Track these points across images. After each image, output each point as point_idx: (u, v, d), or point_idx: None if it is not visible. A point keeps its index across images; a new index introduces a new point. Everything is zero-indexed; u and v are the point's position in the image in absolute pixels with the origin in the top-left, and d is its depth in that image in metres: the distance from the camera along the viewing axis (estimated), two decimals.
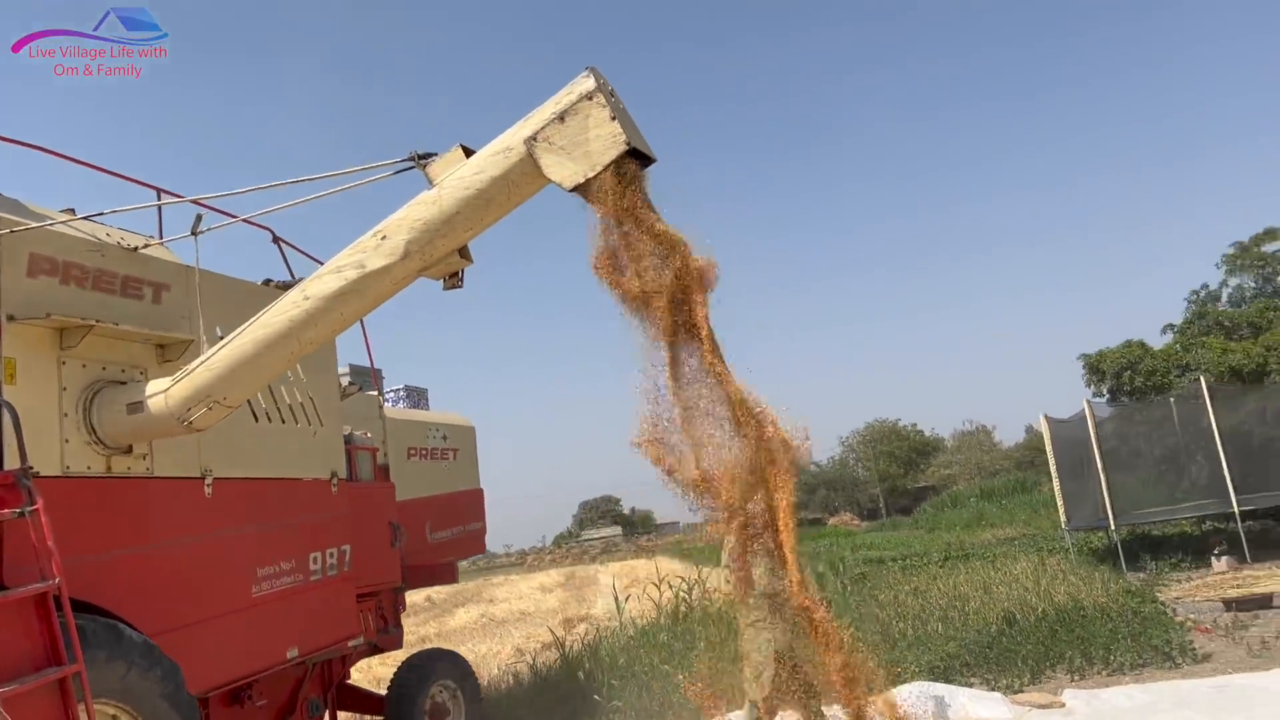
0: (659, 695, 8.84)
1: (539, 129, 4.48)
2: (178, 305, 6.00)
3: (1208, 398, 16.61)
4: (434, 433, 9.59)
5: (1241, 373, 18.52)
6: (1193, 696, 7.26)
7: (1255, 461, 17.30)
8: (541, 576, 39.73)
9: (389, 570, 7.93)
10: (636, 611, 14.26)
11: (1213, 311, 21.82)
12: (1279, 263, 22.01)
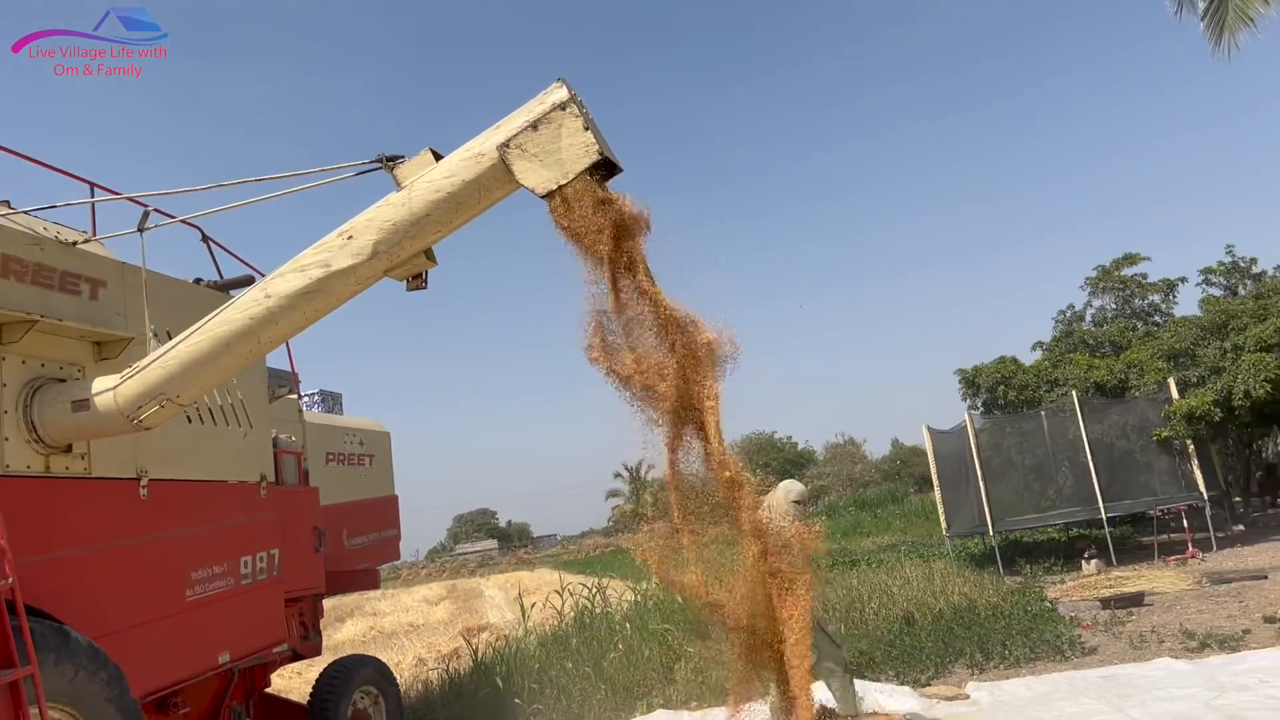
0: (578, 698, 8.96)
1: (512, 136, 4.59)
2: (114, 302, 5.87)
3: (1079, 411, 17.65)
4: (351, 438, 9.50)
5: (1104, 388, 19.67)
6: (1085, 685, 7.79)
7: (1118, 471, 18.49)
8: (423, 590, 39.19)
9: (314, 576, 7.85)
10: (539, 619, 14.30)
11: (1078, 330, 23.10)
12: (1137, 286, 23.43)
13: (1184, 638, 9.13)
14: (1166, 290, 23.28)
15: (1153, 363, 18.76)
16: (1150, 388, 18.30)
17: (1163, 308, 23.33)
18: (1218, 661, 8.07)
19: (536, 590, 29.35)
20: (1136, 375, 19.18)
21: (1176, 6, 15.85)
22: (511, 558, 76.77)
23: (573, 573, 36.30)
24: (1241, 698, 6.72)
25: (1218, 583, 12.58)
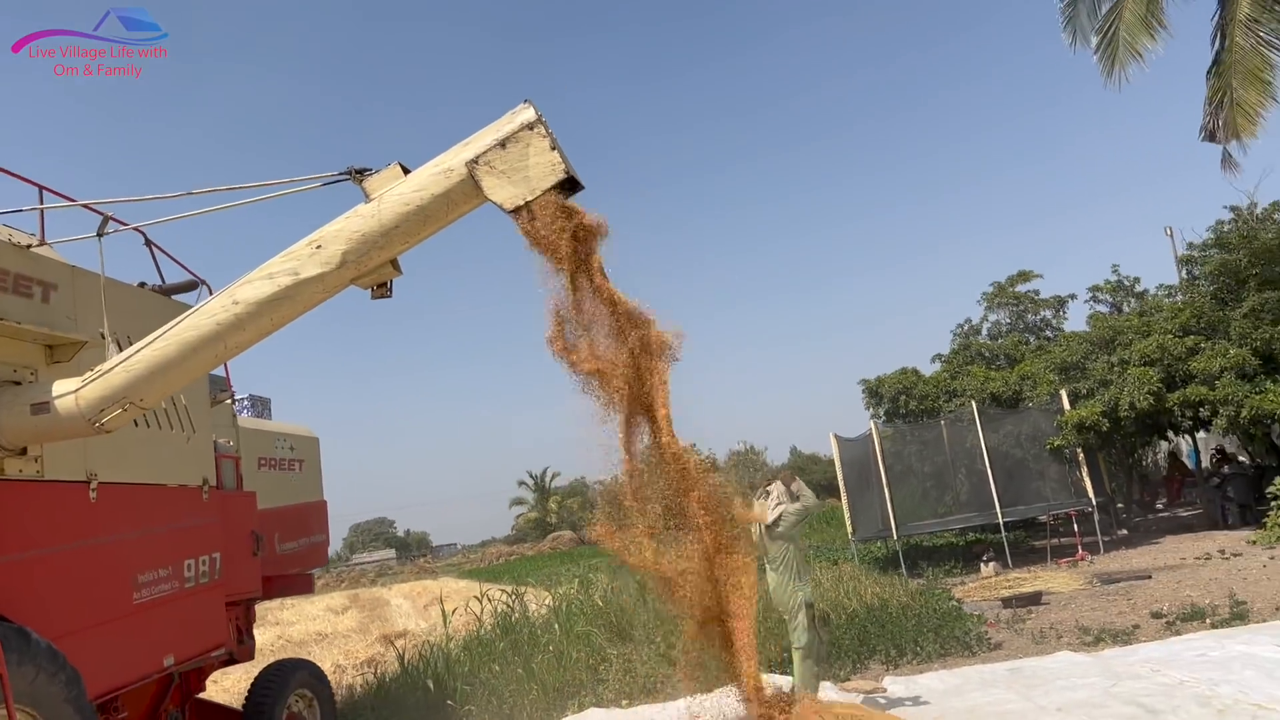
0: (509, 699, 9.13)
1: (481, 153, 4.81)
2: (65, 305, 5.88)
3: (977, 420, 18.48)
4: (282, 443, 9.50)
5: (1000, 399, 20.61)
6: (994, 677, 8.30)
7: (1013, 478, 19.41)
8: (325, 599, 38.45)
9: (251, 580, 7.88)
10: (457, 626, 14.37)
11: (975, 343, 24.11)
12: (1030, 302, 24.57)
13: (1080, 633, 9.77)
14: (1057, 306, 24.49)
15: (1045, 375, 19.75)
16: (1043, 399, 19.26)
17: (1054, 323, 24.54)
18: (1112, 653, 8.68)
19: (447, 598, 29.16)
20: (1030, 387, 20.15)
21: (1072, 39, 16.82)
22: (413, 567, 75.70)
23: (480, 580, 36.22)
24: (1136, 685, 7.28)
25: (1107, 583, 13.38)
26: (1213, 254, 20.02)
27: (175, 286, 7.35)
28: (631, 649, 10.58)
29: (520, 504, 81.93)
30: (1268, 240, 18.60)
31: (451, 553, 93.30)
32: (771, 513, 7.80)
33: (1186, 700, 6.66)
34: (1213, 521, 19.87)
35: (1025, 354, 22.38)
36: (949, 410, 21.18)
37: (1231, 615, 9.48)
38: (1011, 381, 20.64)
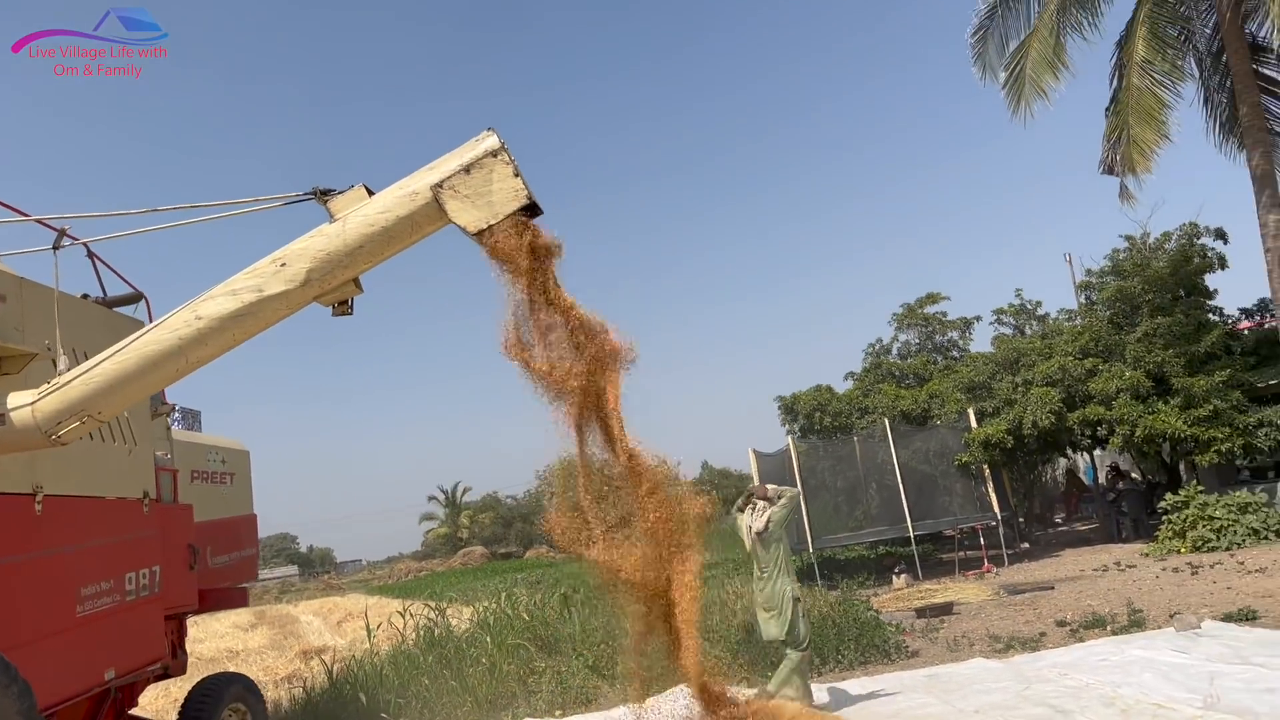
0: (442, 712, 9.22)
1: (446, 177, 5.01)
2: (12, 317, 5.86)
3: (890, 437, 19.11)
4: (214, 456, 9.45)
5: (910, 416, 21.32)
6: (913, 683, 8.70)
7: (922, 493, 20.11)
8: (232, 616, 37.54)
9: (188, 593, 7.84)
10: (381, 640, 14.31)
11: (886, 362, 24.86)
12: (938, 323, 25.44)
13: (991, 640, 10.27)
14: (964, 327, 25.38)
15: (952, 394, 20.51)
16: (951, 417, 20.01)
17: (960, 343, 25.43)
18: (1022, 659, 9.17)
19: (360, 615, 28.83)
20: (938, 405, 20.89)
21: (981, 73, 17.62)
22: (318, 584, 74.21)
23: (391, 597, 35.81)
24: (1046, 688, 7.74)
25: (1013, 593, 14.01)
26: (1109, 281, 21.08)
27: (117, 299, 7.33)
28: (560, 661, 10.74)
29: (430, 519, 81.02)
30: (1159, 269, 19.67)
31: (356, 569, 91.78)
32: (759, 520, 8.20)
33: (1093, 701, 7.11)
34: (1108, 535, 20.88)
35: (933, 373, 23.17)
36: (861, 427, 21.83)
37: (1130, 623, 10.07)
38: (921, 400, 21.35)
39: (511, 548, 71.24)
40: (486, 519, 77.51)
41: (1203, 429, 17.08)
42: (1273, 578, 12.12)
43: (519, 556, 64.55)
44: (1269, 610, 9.76)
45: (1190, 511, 16.47)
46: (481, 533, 76.13)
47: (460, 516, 79.05)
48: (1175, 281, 19.72)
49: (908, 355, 25.45)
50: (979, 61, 17.85)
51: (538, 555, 60.69)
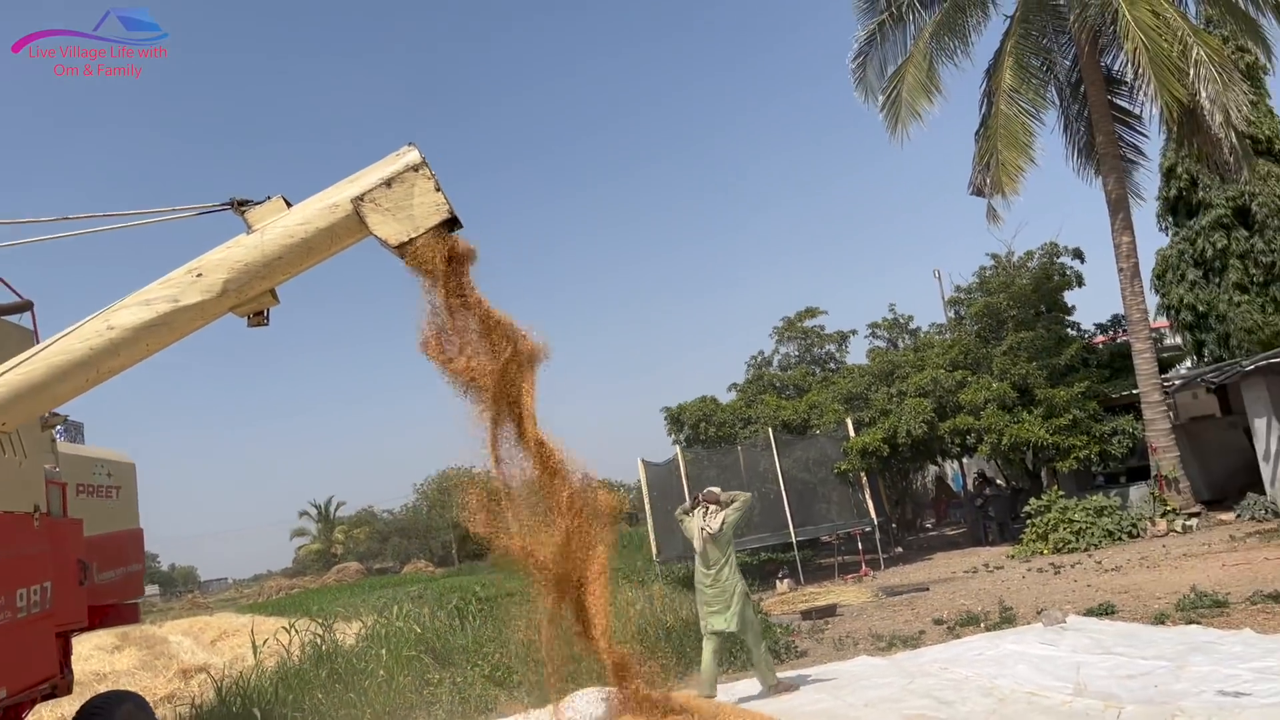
0: None
1: (366, 190, 5.11)
2: None
3: (774, 446, 19.66)
4: (99, 469, 9.17)
5: (790, 426, 21.96)
6: (801, 682, 9.06)
7: (802, 500, 20.74)
8: (94, 638, 35.79)
9: (78, 610, 7.61)
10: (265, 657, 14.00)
11: (767, 374, 25.53)
12: (816, 336, 26.26)
13: (874, 639, 10.74)
14: (840, 341, 26.26)
15: (831, 405, 21.23)
16: (830, 426, 20.70)
17: (837, 356, 26.30)
18: (904, 656, 9.64)
19: (234, 633, 28.01)
20: (818, 415, 21.57)
21: (863, 97, 18.39)
22: (183, 603, 71.39)
23: (266, 615, 34.79)
24: (929, 681, 8.18)
25: (891, 595, 14.63)
26: (977, 297, 22.18)
27: (4, 307, 7.10)
28: (455, 672, 10.76)
29: (302, 535, 78.93)
30: (1023, 286, 20.82)
31: (222, 587, 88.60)
32: (714, 521, 8.79)
33: (972, 692, 7.57)
34: (976, 539, 21.89)
35: (812, 384, 23.89)
36: (745, 436, 22.37)
37: (1001, 620, 10.68)
38: (801, 410, 22.00)
39: (388, 563, 69.89)
40: (361, 534, 75.92)
41: (1063, 437, 18.17)
42: (1127, 575, 12.99)
43: (396, 572, 63.37)
44: (1125, 605, 10.49)
45: (1052, 515, 17.47)
46: (356, 548, 74.50)
47: (334, 532, 77.27)
48: (1037, 298, 20.91)
49: (788, 367, 26.14)
50: (860, 85, 18.68)
51: (416, 570, 59.81)
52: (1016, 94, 16.95)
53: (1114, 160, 17.76)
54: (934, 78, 17.72)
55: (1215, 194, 22.11)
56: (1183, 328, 22.97)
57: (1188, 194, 22.80)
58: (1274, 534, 14.60)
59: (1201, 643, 8.04)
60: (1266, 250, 21.58)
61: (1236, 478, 19.54)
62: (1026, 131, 16.83)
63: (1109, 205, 17.73)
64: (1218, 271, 22.39)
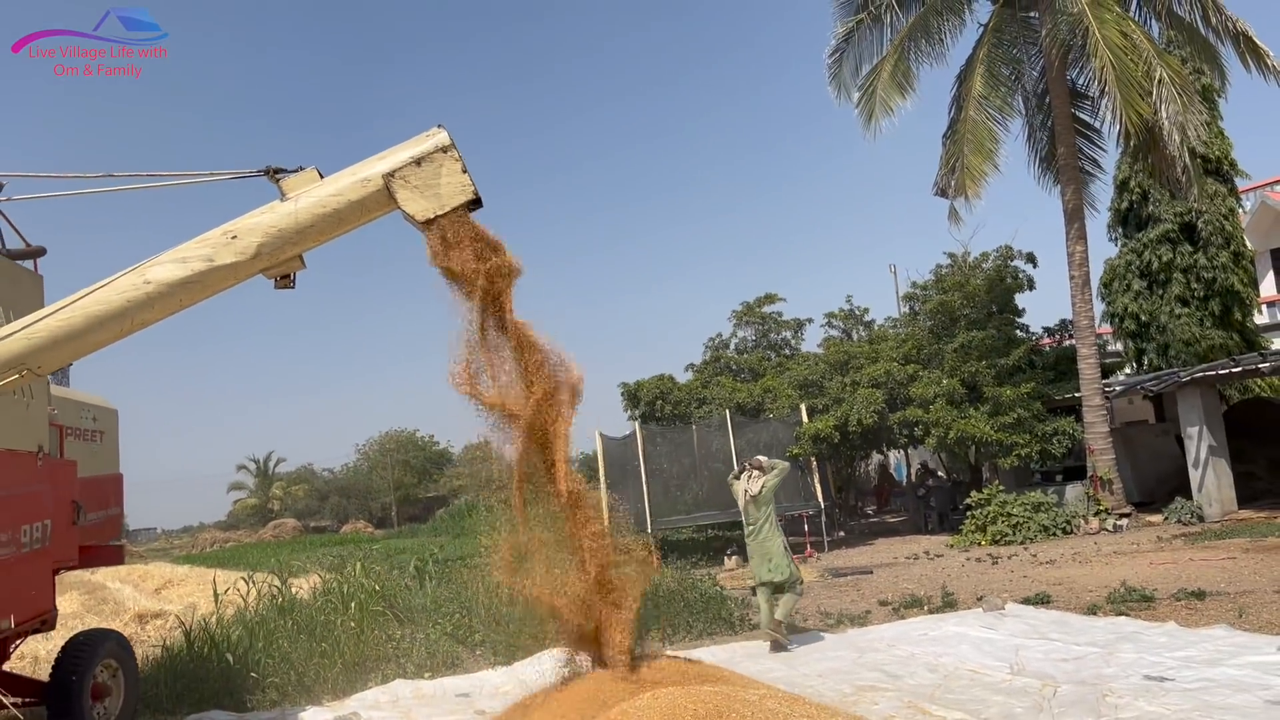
0: (311, 673, 9.47)
1: (397, 168, 5.41)
2: None
3: (730, 427, 20.18)
4: (86, 414, 9.35)
5: (744, 408, 22.49)
6: (758, 652, 9.56)
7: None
8: None
9: (71, 549, 7.85)
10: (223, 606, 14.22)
11: (724, 356, 26.05)
12: (773, 322, 26.80)
13: (823, 616, 11.29)
14: (796, 328, 26.83)
15: (785, 390, 21.79)
16: (784, 411, 21.26)
17: (792, 342, 26.88)
18: (853, 633, 10.20)
19: (180, 583, 28.02)
20: (771, 399, 22.12)
21: (837, 93, 18.84)
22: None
23: (205, 566, 34.75)
24: (878, 656, 8.73)
25: (837, 575, 15.24)
26: (932, 294, 22.83)
27: (20, 252, 7.27)
28: (416, 629, 11.11)
29: (239, 489, 78.37)
30: (977, 286, 21.50)
31: (151, 537, 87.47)
32: (754, 485, 9.97)
33: (919, 668, 8.12)
34: (916, 527, 22.67)
35: (767, 369, 24.45)
36: (700, 416, 22.86)
37: (943, 604, 11.28)
38: (756, 394, 22.54)
39: (325, 521, 69.71)
40: (300, 491, 75.61)
41: (1006, 434, 18.90)
42: (1061, 569, 13.70)
43: (334, 531, 63.25)
44: (1060, 596, 11.14)
45: (991, 509, 18.21)
46: (294, 505, 74.18)
47: (272, 488, 76.81)
48: (990, 299, 21.62)
49: (744, 350, 26.66)
50: (834, 81, 19.14)
51: (355, 530, 59.80)
52: (985, 101, 17.54)
53: (1073, 172, 18.43)
54: (909, 76, 18.24)
55: (1164, 209, 22.94)
56: (1125, 335, 23.86)
57: (1138, 207, 23.62)
58: (1199, 537, 15.44)
59: (1129, 632, 8.67)
60: (1209, 266, 22.48)
61: (1166, 482, 20.50)
62: (992, 138, 17.44)
63: (1065, 215, 18.42)
64: (1162, 284, 23.27)
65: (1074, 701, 6.50)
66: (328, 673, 9.39)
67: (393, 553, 30.96)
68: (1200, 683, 6.67)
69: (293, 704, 8.93)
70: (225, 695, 9.16)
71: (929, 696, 7.11)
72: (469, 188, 5.45)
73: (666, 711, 4.21)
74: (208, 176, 5.62)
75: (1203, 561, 12.77)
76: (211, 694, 9.12)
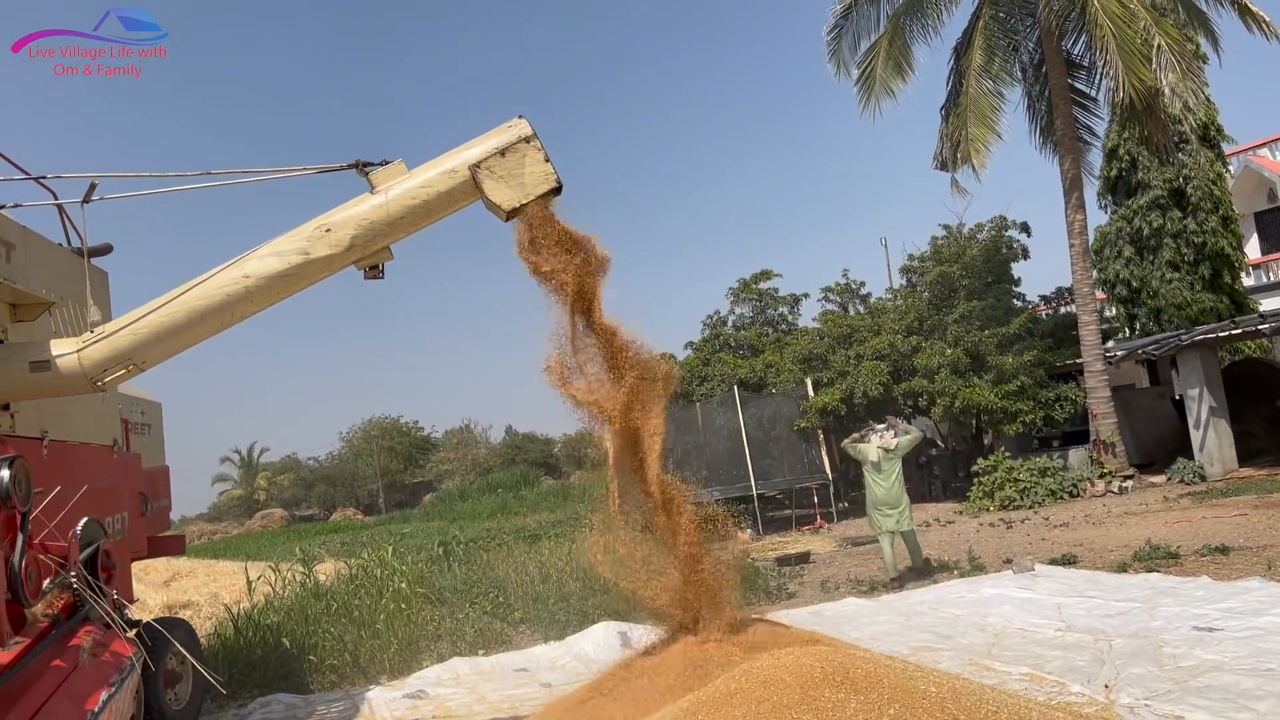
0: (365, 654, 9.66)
1: (483, 159, 5.57)
2: (21, 265, 5.98)
3: (739, 403, 20.43)
4: (135, 407, 9.48)
5: (746, 384, 22.77)
6: (800, 619, 9.76)
7: (758, 455, 21.60)
8: None
9: (141, 540, 8.00)
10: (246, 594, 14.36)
11: (723, 334, 26.27)
12: (770, 298, 27.02)
13: (855, 584, 11.56)
14: (793, 303, 27.08)
15: (787, 365, 22.06)
16: (788, 385, 21.53)
17: (789, 318, 27.14)
18: (890, 598, 10.46)
19: (188, 574, 28.07)
20: (774, 374, 22.41)
21: (836, 70, 18.99)
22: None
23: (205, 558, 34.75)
24: (924, 619, 9.00)
25: (855, 545, 15.53)
26: (930, 266, 23.11)
27: (94, 250, 7.37)
28: (453, 610, 11.31)
29: (223, 480, 78.09)
30: (974, 256, 21.81)
31: None
32: (892, 440, 11.36)
33: (968, 628, 8.40)
34: (920, 495, 23.00)
35: (765, 345, 24.72)
36: (701, 394, 23.11)
37: (972, 568, 11.58)
38: (758, 369, 22.82)
39: (313, 510, 69.72)
40: (285, 481, 75.43)
41: (1010, 402, 19.25)
42: (1076, 530, 14.06)
43: (323, 519, 63.24)
44: (1084, 556, 11.46)
45: (998, 475, 18.57)
46: (280, 495, 74.03)
47: (257, 478, 76.59)
48: (987, 269, 21.93)
49: (742, 327, 26.89)
50: (834, 58, 19.28)
51: (345, 517, 59.79)
52: (985, 73, 17.76)
53: (1071, 142, 18.71)
54: (907, 56, 18.44)
55: (1154, 175, 23.30)
56: (1117, 301, 24.25)
57: (1128, 174, 23.97)
58: (1205, 495, 15.85)
59: (1166, 587, 8.98)
60: (1198, 231, 22.86)
61: (1165, 444, 20.93)
62: (994, 109, 17.68)
63: (1064, 184, 18.71)
64: (1152, 249, 23.67)
65: (1132, 653, 6.78)
66: (382, 654, 9.58)
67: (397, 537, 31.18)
68: (1249, 631, 6.96)
69: (353, 684, 9.14)
70: (283, 679, 9.34)
71: (986, 653, 7.39)
72: (551, 176, 5.61)
73: (794, 670, 4.42)
74: (298, 171, 5.75)
75: (1215, 519, 13.13)
76: (271, 678, 9.30)
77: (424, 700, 8.08)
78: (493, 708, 7.56)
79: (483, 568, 14.69)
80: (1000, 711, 4.26)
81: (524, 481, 48.57)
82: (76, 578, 4.03)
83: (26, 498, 3.66)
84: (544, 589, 12.17)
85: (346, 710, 8.09)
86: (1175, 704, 5.51)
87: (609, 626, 9.66)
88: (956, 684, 4.72)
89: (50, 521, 6.14)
